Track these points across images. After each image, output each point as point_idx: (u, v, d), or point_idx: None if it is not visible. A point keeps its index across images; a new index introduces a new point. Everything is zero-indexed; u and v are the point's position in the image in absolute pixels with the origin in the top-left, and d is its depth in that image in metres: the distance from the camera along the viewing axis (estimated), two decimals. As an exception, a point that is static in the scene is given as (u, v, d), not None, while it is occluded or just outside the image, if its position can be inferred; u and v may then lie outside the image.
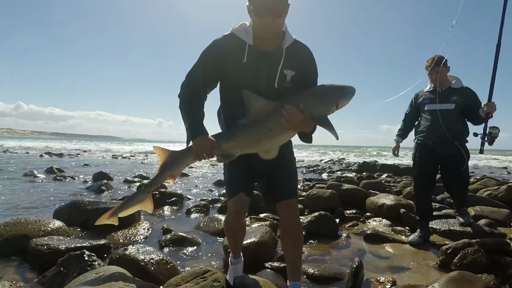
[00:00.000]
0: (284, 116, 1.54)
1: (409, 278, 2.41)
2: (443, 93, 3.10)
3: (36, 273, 2.22)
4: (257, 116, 1.63)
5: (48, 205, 4.53)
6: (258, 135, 1.65)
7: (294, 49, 1.69)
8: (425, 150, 3.21)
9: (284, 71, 1.67)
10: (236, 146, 1.67)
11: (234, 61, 1.65)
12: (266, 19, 1.53)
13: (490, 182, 6.75)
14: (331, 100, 1.66)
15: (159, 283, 1.98)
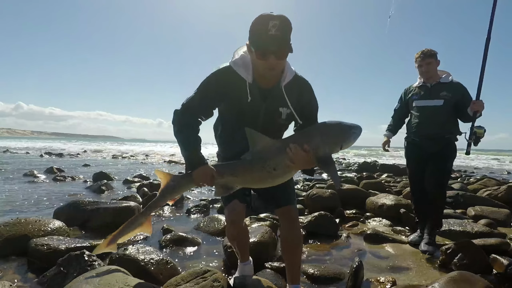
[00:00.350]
0: (289, 156, 1.54)
1: (409, 278, 2.41)
2: (432, 88, 2.98)
3: (36, 273, 2.22)
4: (261, 154, 1.62)
5: (48, 205, 4.53)
6: (261, 174, 1.63)
7: (293, 86, 1.67)
8: (414, 148, 3.12)
9: (279, 109, 1.69)
10: (237, 181, 1.67)
11: (235, 99, 1.65)
12: (268, 61, 1.49)
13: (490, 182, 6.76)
14: (337, 140, 1.64)
15: (159, 283, 1.98)
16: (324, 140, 1.61)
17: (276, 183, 1.68)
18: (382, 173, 9.49)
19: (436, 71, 2.99)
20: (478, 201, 4.57)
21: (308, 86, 1.73)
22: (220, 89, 1.63)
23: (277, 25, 1.42)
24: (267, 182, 1.66)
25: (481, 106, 2.73)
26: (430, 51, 2.93)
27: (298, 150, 1.52)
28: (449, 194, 4.81)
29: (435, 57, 2.94)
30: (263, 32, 1.44)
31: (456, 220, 3.54)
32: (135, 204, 3.76)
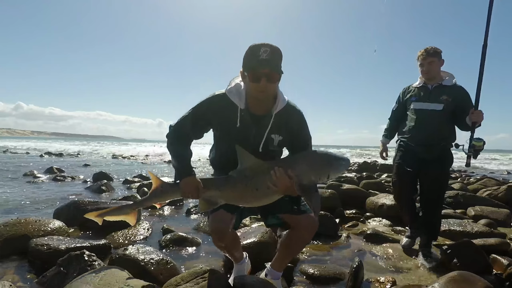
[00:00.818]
0: (272, 178, 1.57)
1: (409, 278, 2.41)
2: (433, 91, 2.76)
3: (36, 273, 2.22)
4: (246, 172, 1.66)
5: (48, 205, 4.53)
6: (244, 192, 1.66)
7: (285, 114, 1.73)
8: (408, 153, 2.89)
9: (271, 135, 1.74)
10: (221, 196, 1.69)
11: (226, 124, 1.74)
12: (260, 84, 1.58)
13: (490, 182, 6.76)
14: (324, 171, 1.65)
15: (159, 283, 1.98)
16: (310, 168, 1.62)
17: (260, 203, 1.71)
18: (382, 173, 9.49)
19: (438, 72, 2.77)
20: (478, 201, 4.57)
21: (300, 116, 1.80)
22: (211, 114, 1.74)
23: (267, 51, 1.56)
24: (250, 201, 1.70)
25: (480, 116, 2.53)
26: (433, 49, 2.71)
27: (282, 174, 1.55)
28: (449, 194, 4.81)
29: (438, 56, 2.72)
30: (255, 57, 1.57)
31: (456, 220, 3.54)
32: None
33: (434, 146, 2.74)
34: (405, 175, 2.91)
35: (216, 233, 1.76)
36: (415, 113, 2.81)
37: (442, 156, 2.76)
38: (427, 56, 2.71)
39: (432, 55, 2.70)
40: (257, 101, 1.69)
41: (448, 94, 2.69)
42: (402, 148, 2.95)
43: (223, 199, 1.70)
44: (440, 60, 2.74)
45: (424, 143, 2.76)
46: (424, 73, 2.78)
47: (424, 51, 2.74)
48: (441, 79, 2.77)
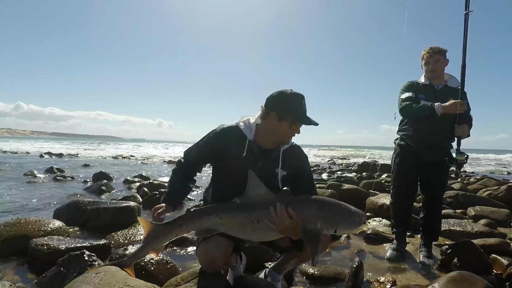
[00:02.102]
0: (271, 214, 1.50)
1: (409, 278, 2.41)
2: (440, 92, 2.68)
3: (36, 273, 2.22)
4: (250, 201, 1.59)
5: (48, 205, 4.53)
6: (244, 222, 1.57)
7: (291, 152, 1.82)
8: (408, 154, 2.79)
9: (275, 170, 1.78)
10: (221, 224, 1.60)
11: (234, 153, 1.76)
12: (296, 130, 1.73)
13: (490, 182, 6.77)
14: (332, 221, 1.54)
15: (159, 283, 1.98)
16: (320, 214, 1.53)
17: (260, 238, 1.65)
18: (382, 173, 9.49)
19: (443, 71, 2.72)
20: (478, 201, 4.58)
21: (304, 155, 1.89)
22: (220, 145, 1.78)
23: (305, 104, 1.72)
24: (249, 233, 1.61)
25: (464, 132, 2.58)
26: (439, 48, 2.67)
27: (283, 212, 1.50)
28: (449, 194, 4.81)
29: (444, 54, 2.67)
30: (299, 108, 1.70)
31: (456, 220, 3.54)
32: (135, 204, 3.76)
33: (437, 147, 2.69)
34: (406, 176, 2.83)
35: (205, 266, 1.68)
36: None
37: (443, 157, 2.70)
38: (433, 54, 2.65)
39: (438, 53, 2.65)
40: (269, 137, 1.76)
41: (454, 97, 2.59)
42: (403, 148, 2.84)
43: (223, 227, 1.60)
44: (446, 60, 2.69)
45: (427, 145, 2.68)
46: (429, 71, 2.70)
47: (430, 49, 2.68)
48: (444, 80, 2.72)
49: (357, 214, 1.61)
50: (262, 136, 1.77)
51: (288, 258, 1.89)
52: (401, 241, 2.88)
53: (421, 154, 2.72)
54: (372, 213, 4.29)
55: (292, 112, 1.69)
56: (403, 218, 2.89)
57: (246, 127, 1.78)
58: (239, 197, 1.63)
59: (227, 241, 1.66)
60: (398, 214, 2.91)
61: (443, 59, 2.67)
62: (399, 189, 2.89)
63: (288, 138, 1.76)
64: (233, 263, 1.94)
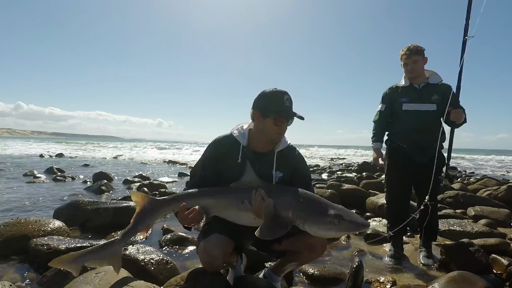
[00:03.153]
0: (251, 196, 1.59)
1: (409, 278, 2.41)
2: (422, 91, 2.68)
3: (36, 273, 2.23)
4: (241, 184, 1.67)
5: (48, 205, 4.53)
6: (231, 203, 1.65)
7: (286, 153, 1.84)
8: (400, 155, 2.75)
9: (272, 172, 1.79)
10: (214, 205, 1.68)
11: (229, 161, 1.80)
12: (281, 127, 1.74)
13: (490, 182, 6.76)
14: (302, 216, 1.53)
15: (159, 283, 1.98)
16: (293, 204, 1.55)
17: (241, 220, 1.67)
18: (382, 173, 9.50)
19: (423, 70, 2.71)
20: (478, 201, 4.57)
21: (300, 155, 1.90)
22: (217, 154, 1.84)
23: (289, 99, 1.73)
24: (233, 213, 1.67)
25: (460, 116, 2.53)
26: (416, 48, 2.65)
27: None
28: (449, 194, 4.81)
29: (422, 54, 2.65)
30: (279, 104, 1.71)
31: (456, 220, 3.53)
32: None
33: (428, 148, 2.65)
34: (398, 177, 2.80)
35: (206, 264, 1.70)
36: (407, 114, 2.70)
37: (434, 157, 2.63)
38: (411, 55, 2.64)
39: (416, 53, 2.64)
40: (262, 139, 1.79)
41: (438, 93, 2.64)
42: (394, 150, 2.82)
43: (215, 209, 1.68)
44: (424, 58, 2.68)
45: (418, 145, 2.67)
46: (409, 72, 2.70)
47: (407, 49, 2.67)
48: (426, 78, 2.71)
49: (339, 218, 1.45)
50: (255, 140, 1.81)
51: (286, 261, 1.89)
52: (397, 247, 2.81)
53: (413, 155, 2.69)
54: (372, 213, 4.29)
55: (274, 108, 1.71)
56: (398, 220, 2.80)
57: (240, 134, 1.83)
58: (234, 182, 1.70)
59: (227, 240, 1.67)
60: (392, 217, 2.86)
61: (421, 58, 2.66)
62: (392, 191, 2.88)
63: (276, 135, 1.76)
64: (234, 262, 1.94)
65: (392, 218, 2.86)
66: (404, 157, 2.74)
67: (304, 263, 2.02)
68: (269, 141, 1.79)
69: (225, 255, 1.68)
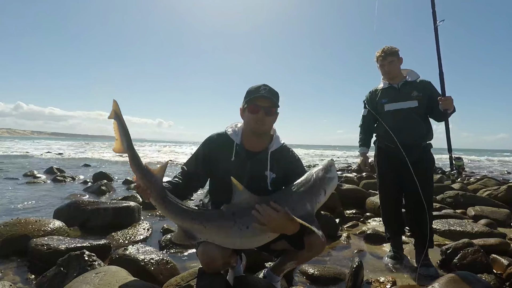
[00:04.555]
0: (257, 216, 1.44)
1: (409, 278, 2.41)
2: (401, 89, 2.67)
3: (36, 273, 2.22)
4: (235, 208, 1.53)
5: (48, 205, 4.53)
6: (232, 230, 1.50)
7: (279, 153, 1.82)
8: (388, 155, 2.74)
9: (265, 172, 1.78)
10: (204, 232, 1.54)
11: (223, 158, 1.80)
12: (258, 115, 1.71)
13: (490, 182, 6.76)
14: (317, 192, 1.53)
15: (159, 283, 1.98)
16: (302, 195, 1.52)
17: (251, 244, 1.58)
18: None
19: (399, 70, 2.73)
20: (478, 201, 4.58)
21: (294, 156, 1.87)
22: (211, 151, 1.84)
23: (267, 89, 1.73)
24: (235, 241, 1.54)
25: (449, 102, 2.46)
26: (390, 49, 2.68)
27: (267, 209, 1.44)
28: (449, 194, 4.81)
29: (397, 55, 2.69)
30: (255, 92, 1.73)
31: (456, 220, 3.54)
32: (135, 204, 3.75)
33: (415, 147, 2.62)
34: (388, 178, 2.77)
35: (205, 265, 1.67)
36: (390, 114, 2.69)
37: (422, 156, 2.64)
38: (386, 56, 2.68)
39: (391, 54, 2.67)
40: (253, 137, 1.79)
41: (417, 90, 2.64)
42: (382, 151, 2.82)
43: (205, 235, 1.55)
44: (399, 59, 2.71)
45: (404, 144, 2.60)
46: (386, 74, 2.73)
47: (382, 51, 2.71)
48: (404, 77, 2.72)
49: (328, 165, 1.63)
50: (247, 137, 1.82)
51: (285, 260, 1.89)
52: (396, 247, 2.78)
53: (400, 155, 2.62)
54: (372, 213, 4.29)
55: (249, 97, 1.74)
56: (392, 221, 2.80)
57: (233, 132, 1.85)
58: (225, 205, 1.57)
59: None
60: (387, 218, 2.84)
61: (396, 59, 2.69)
62: (383, 192, 2.86)
63: (254, 124, 1.73)
64: (233, 263, 1.94)
65: (387, 219, 2.84)
66: (392, 157, 2.71)
67: (303, 262, 2.02)
68: (253, 133, 1.78)
69: (225, 256, 1.67)
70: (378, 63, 2.76)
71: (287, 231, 1.48)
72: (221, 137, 1.87)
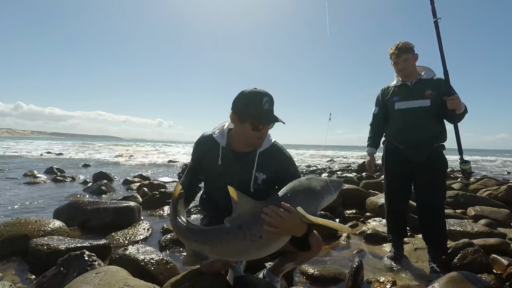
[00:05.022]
0: (267, 220, 1.34)
1: (409, 278, 2.41)
2: (414, 87, 2.55)
3: (36, 273, 2.22)
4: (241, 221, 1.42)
5: (48, 205, 4.53)
6: (243, 244, 1.40)
7: (269, 153, 1.74)
8: (397, 156, 2.63)
9: (255, 174, 1.73)
10: (212, 252, 1.47)
11: (211, 162, 1.78)
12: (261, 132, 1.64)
13: (490, 182, 6.77)
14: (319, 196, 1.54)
15: (159, 283, 1.98)
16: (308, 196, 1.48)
17: (262, 253, 1.47)
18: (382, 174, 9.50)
19: (414, 67, 2.58)
20: (478, 201, 4.57)
21: (284, 155, 1.78)
22: (200, 155, 1.85)
23: (268, 101, 1.61)
24: (250, 253, 1.45)
25: (456, 102, 2.33)
26: (405, 46, 2.53)
27: (277, 211, 1.34)
28: (449, 194, 4.81)
29: (412, 51, 2.53)
30: (259, 107, 1.59)
31: (456, 220, 3.53)
32: (135, 204, 3.76)
33: (425, 147, 2.52)
34: (396, 180, 2.69)
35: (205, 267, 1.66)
36: (400, 113, 2.59)
37: (433, 158, 2.53)
38: (400, 54, 2.53)
39: (405, 51, 2.52)
40: (240, 141, 1.72)
41: (431, 89, 2.50)
42: (391, 151, 2.71)
43: (215, 254, 1.48)
44: (414, 55, 2.55)
45: (414, 144, 2.53)
46: (400, 72, 2.59)
47: (396, 48, 2.55)
48: (419, 74, 2.58)
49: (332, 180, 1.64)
50: (235, 140, 1.75)
51: (284, 261, 1.89)
52: (397, 248, 2.75)
53: (410, 156, 2.55)
54: (372, 213, 4.29)
55: (251, 112, 1.59)
56: (397, 224, 2.75)
57: (219, 134, 1.79)
58: (227, 219, 1.46)
59: None
60: (391, 221, 2.78)
61: (411, 56, 2.53)
62: (389, 194, 2.76)
63: (255, 140, 1.66)
64: (233, 263, 1.94)
65: (391, 222, 2.78)
66: (401, 157, 2.62)
67: (302, 262, 2.02)
68: (250, 144, 1.71)
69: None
70: (392, 60, 2.62)
71: (297, 232, 1.41)
72: (208, 140, 1.82)
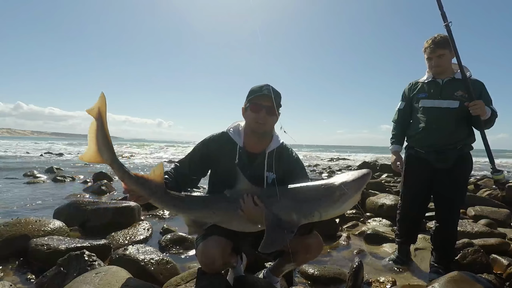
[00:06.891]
0: (241, 204, 1.55)
1: (409, 278, 2.41)
2: (444, 86, 2.36)
3: (36, 273, 2.22)
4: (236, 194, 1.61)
5: (48, 205, 4.53)
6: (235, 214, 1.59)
7: (278, 154, 1.81)
8: (418, 162, 2.48)
9: (265, 173, 1.77)
10: (211, 217, 1.63)
11: (224, 159, 1.79)
12: (259, 114, 1.70)
13: (490, 182, 6.76)
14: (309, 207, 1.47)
15: (159, 283, 1.98)
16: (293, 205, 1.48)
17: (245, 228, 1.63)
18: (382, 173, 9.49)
19: (449, 65, 2.37)
20: (478, 201, 4.58)
21: (293, 155, 1.85)
22: (210, 154, 1.82)
23: (269, 89, 1.70)
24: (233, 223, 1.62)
25: (479, 107, 2.17)
26: (443, 40, 2.31)
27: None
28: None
29: (449, 47, 2.30)
30: (257, 91, 1.72)
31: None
32: (135, 204, 3.75)
33: (449, 152, 2.35)
34: (415, 187, 2.53)
35: (205, 266, 1.68)
36: (425, 112, 2.41)
37: (459, 164, 2.36)
38: (436, 49, 2.32)
39: (442, 46, 2.31)
40: (254, 138, 1.77)
41: (463, 89, 2.29)
42: (411, 156, 2.55)
43: (212, 219, 1.64)
44: (451, 52, 2.32)
45: (437, 148, 2.37)
46: (433, 68, 2.40)
47: (432, 42, 2.34)
48: (453, 72, 2.38)
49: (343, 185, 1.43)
50: (248, 138, 1.80)
51: (283, 262, 1.90)
52: (402, 255, 2.67)
53: (432, 161, 2.40)
54: (372, 213, 4.29)
55: (251, 96, 1.74)
56: (407, 233, 2.64)
57: (236, 133, 1.81)
58: (228, 191, 1.65)
59: (226, 241, 1.66)
60: (403, 230, 2.64)
61: (448, 52, 2.32)
62: (406, 200, 2.62)
63: (255, 124, 1.73)
64: (233, 263, 1.94)
65: (403, 231, 2.65)
66: (421, 163, 2.46)
67: (302, 263, 2.03)
68: (253, 133, 1.77)
69: (224, 256, 1.66)
70: (426, 55, 2.40)
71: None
72: (222, 137, 1.84)
